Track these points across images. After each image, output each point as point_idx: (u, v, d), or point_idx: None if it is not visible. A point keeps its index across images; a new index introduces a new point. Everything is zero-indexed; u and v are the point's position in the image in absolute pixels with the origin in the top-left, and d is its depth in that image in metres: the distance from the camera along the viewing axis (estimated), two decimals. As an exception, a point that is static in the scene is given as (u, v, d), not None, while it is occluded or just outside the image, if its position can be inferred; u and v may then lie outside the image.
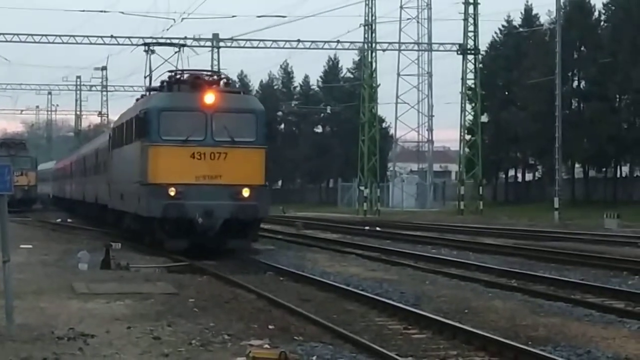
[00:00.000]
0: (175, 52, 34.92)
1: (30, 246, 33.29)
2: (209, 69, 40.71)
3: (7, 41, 72.65)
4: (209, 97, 27.39)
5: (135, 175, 29.59)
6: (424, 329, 15.11)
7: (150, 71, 35.16)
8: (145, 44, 36.33)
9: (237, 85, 70.07)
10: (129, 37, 71.39)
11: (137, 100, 35.74)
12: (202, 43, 74.96)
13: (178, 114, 27.75)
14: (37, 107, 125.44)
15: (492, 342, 13.39)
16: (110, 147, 38.62)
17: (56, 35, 72.96)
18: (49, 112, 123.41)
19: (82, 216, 55.96)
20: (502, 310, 17.13)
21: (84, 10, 79.28)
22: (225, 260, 27.57)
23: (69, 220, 55.06)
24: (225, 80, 30.33)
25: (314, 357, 12.99)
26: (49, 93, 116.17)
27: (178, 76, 29.95)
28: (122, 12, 72.25)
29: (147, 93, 32.89)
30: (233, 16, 73.77)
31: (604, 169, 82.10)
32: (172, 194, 26.70)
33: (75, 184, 59.90)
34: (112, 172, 37.51)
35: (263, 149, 28.36)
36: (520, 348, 12.85)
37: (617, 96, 78.09)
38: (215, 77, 30.53)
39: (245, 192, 27.07)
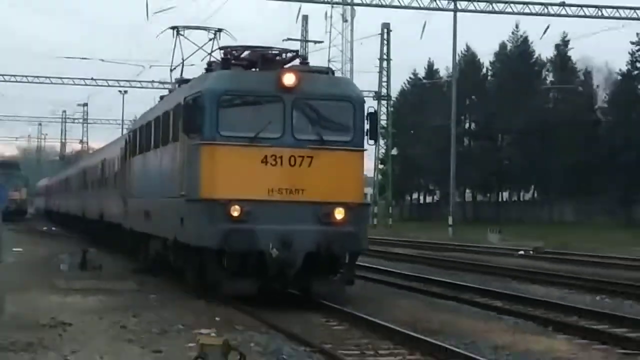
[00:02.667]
0: (210, 40, 23.02)
1: (20, 249, 32.74)
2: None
3: (5, 81, 72.48)
4: (289, 77, 16.25)
5: (173, 188, 18.39)
6: (342, 322, 15.12)
7: (182, 60, 23.32)
8: (173, 28, 24.09)
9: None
10: (106, 80, 71.52)
11: (162, 98, 24.42)
12: (166, 86, 74.97)
13: (245, 100, 16.70)
14: (29, 135, 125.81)
15: (397, 332, 13.49)
16: (126, 155, 27.11)
17: (46, 77, 72.92)
18: (39, 140, 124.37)
19: (68, 226, 52.30)
20: (406, 307, 17.24)
21: (69, 57, 78.85)
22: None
23: (53, 228, 54.55)
24: (301, 59, 19.02)
25: (252, 344, 12.91)
26: (39, 124, 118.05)
27: (235, 53, 18.60)
28: (102, 60, 71.73)
29: (177, 86, 21.98)
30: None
31: (488, 194, 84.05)
32: (236, 214, 15.76)
33: (72, 199, 49.88)
34: (130, 184, 25.83)
35: (361, 153, 17.22)
36: (418, 338, 12.94)
37: (500, 137, 79.85)
38: (286, 55, 18.47)
39: (339, 214, 16.22)
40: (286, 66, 17.74)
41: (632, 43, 68.19)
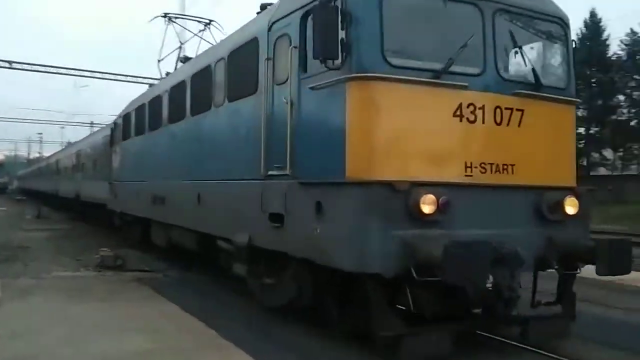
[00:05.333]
0: (200, 31, 14.79)
1: (4, 208, 34.54)
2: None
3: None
4: None
5: (242, 165, 7.41)
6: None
7: (180, 43, 15.34)
8: (165, 15, 15.34)
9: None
10: (47, 121, 73.42)
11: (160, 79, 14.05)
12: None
13: (422, 7, 5.21)
14: (10, 150, 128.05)
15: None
16: (112, 142, 16.96)
17: (20, 119, 79.41)
18: (15, 152, 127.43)
19: (37, 198, 47.16)
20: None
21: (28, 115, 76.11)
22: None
23: (24, 198, 55.95)
24: None
25: (127, 254, 13.31)
26: (15, 144, 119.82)
27: None
28: (47, 110, 69.01)
29: (178, 64, 13.55)
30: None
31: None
32: (429, 210, 4.89)
33: (44, 181, 42.73)
34: (120, 168, 16.01)
35: (574, 108, 6.12)
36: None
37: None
38: None
39: (572, 206, 5.80)
40: None
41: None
